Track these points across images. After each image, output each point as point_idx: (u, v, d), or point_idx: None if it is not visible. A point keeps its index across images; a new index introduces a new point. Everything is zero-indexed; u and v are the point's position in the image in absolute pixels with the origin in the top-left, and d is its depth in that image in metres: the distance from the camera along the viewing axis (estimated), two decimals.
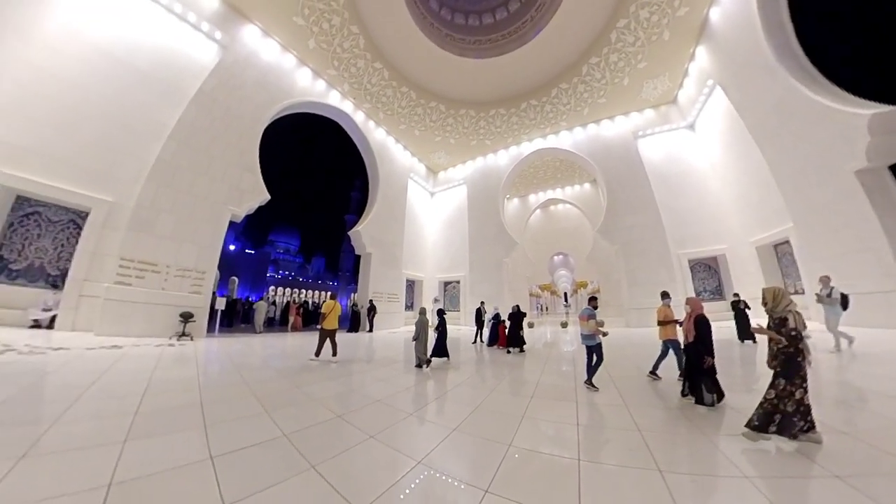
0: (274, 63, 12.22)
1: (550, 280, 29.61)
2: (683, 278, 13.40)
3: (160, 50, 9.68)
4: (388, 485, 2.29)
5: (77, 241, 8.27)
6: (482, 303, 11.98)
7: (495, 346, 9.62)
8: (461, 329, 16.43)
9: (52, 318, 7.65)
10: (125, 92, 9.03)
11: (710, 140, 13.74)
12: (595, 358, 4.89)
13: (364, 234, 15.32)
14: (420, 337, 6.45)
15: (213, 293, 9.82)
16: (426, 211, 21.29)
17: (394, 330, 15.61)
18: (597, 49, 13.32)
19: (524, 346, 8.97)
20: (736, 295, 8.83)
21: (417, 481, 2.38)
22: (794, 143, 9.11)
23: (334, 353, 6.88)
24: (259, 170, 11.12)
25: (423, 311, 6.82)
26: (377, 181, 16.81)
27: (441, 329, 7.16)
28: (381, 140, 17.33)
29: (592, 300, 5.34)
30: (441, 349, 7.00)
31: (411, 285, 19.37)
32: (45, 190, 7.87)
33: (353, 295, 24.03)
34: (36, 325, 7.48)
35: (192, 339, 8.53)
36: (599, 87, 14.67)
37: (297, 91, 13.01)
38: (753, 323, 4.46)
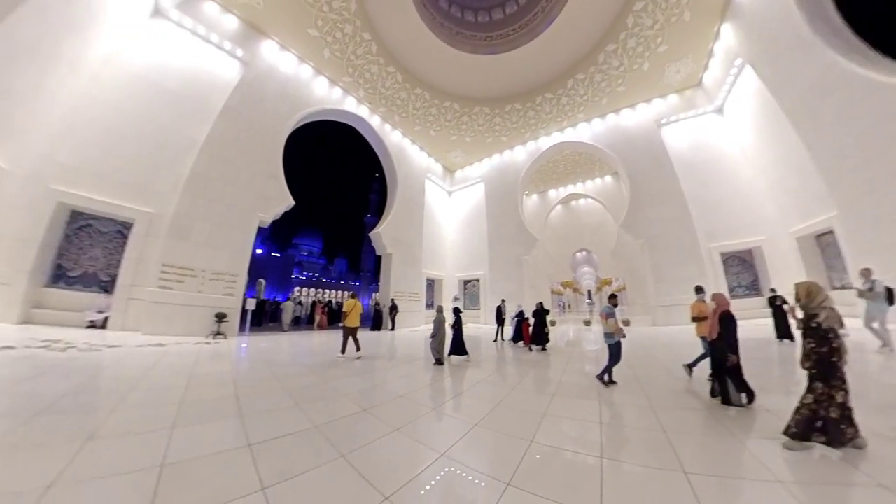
0: (292, 75, 12.74)
1: (573, 277, 28.90)
2: (715, 273, 12.64)
3: (188, 71, 10.35)
4: (413, 475, 2.39)
5: (124, 250, 9.00)
6: (503, 301, 11.91)
7: (519, 344, 9.66)
8: (482, 327, 16.41)
9: (105, 320, 8.38)
10: (159, 112, 9.73)
11: (740, 124, 12.85)
12: (616, 357, 4.85)
13: (384, 235, 15.63)
14: (438, 334, 6.63)
15: (244, 295, 10.36)
16: (444, 210, 21.40)
17: (415, 328, 15.84)
18: (613, 35, 12.82)
19: (546, 345, 8.87)
20: (773, 290, 8.31)
21: (441, 472, 2.46)
22: (836, 122, 8.41)
23: (357, 349, 7.17)
24: (283, 177, 11.63)
25: (440, 310, 6.98)
26: (395, 183, 17.10)
27: (457, 327, 7.27)
28: (397, 142, 17.61)
29: (612, 298, 5.24)
30: (459, 347, 7.10)
31: (431, 284, 19.55)
32: (94, 204, 8.64)
33: (374, 294, 24.53)
34: (92, 325, 8.21)
35: (225, 338, 9.08)
36: (618, 74, 14.09)
37: (314, 100, 13.49)
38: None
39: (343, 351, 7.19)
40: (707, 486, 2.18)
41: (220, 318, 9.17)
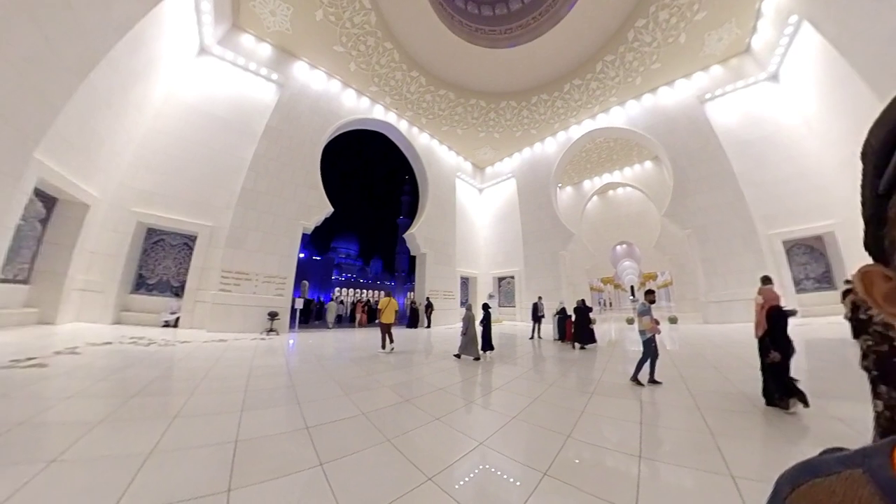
0: (323, 91, 13.54)
1: (613, 272, 27.36)
2: (777, 264, 11.18)
3: (233, 98, 11.46)
4: (453, 459, 2.54)
5: (190, 259, 10.14)
6: (539, 298, 11.67)
7: (562, 341, 9.53)
8: (517, 325, 16.23)
9: (177, 319, 9.50)
10: (212, 137, 10.88)
11: (800, 91, 11.10)
12: (647, 354, 4.68)
13: (418, 235, 15.99)
14: (468, 331, 6.85)
15: (292, 295, 11.20)
16: (476, 208, 21.39)
17: (450, 326, 16.05)
18: (642, 9, 11.92)
19: (591, 343, 8.60)
20: (847, 282, 7.32)
21: (479, 459, 2.58)
22: None
23: (390, 342, 7.85)
24: (322, 187, 12.39)
25: (469, 308, 7.24)
26: (426, 184, 17.42)
27: (486, 323, 7.45)
28: (426, 144, 17.92)
29: (648, 294, 5.00)
30: (486, 342, 7.28)
31: (466, 282, 19.65)
32: (165, 222, 9.87)
33: (409, 293, 25.04)
34: (166, 324, 9.35)
35: (277, 334, 9.89)
36: (651, 51, 13.03)
37: (345, 111, 14.19)
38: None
39: (383, 346, 7.72)
40: (758, 490, 2.06)
41: (273, 316, 10.02)
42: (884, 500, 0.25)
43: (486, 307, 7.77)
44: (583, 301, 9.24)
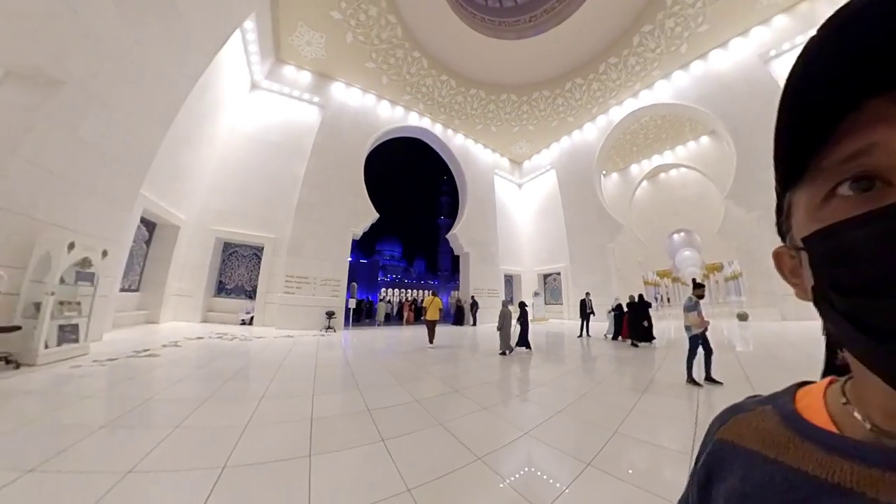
0: (360, 106, 14.46)
1: (671, 264, 24.93)
2: None
3: (283, 123, 12.86)
4: (500, 445, 2.70)
5: (259, 267, 11.50)
6: (587, 294, 11.22)
7: (617, 339, 9.23)
8: (565, 323, 15.70)
9: (251, 318, 10.83)
10: (269, 160, 12.28)
11: None
12: (697, 351, 4.43)
13: (460, 235, 16.21)
14: (504, 327, 7.07)
15: (346, 296, 12.10)
16: (516, 204, 21.05)
17: (496, 323, 16.03)
18: None
19: (646, 341, 8.17)
20: None
21: (525, 446, 2.72)
22: None
23: (431, 340, 8.20)
24: (367, 195, 13.20)
25: (504, 304, 7.60)
26: (464, 184, 17.60)
27: (523, 320, 7.57)
28: (461, 145, 18.10)
29: (697, 288, 4.70)
30: (523, 339, 7.41)
31: (510, 280, 19.44)
32: (237, 236, 11.36)
33: (454, 292, 25.27)
34: (243, 322, 10.72)
35: (334, 331, 10.82)
36: (695, 13, 11.49)
37: (382, 122, 14.96)
38: None
39: (431, 341, 8.17)
40: None
41: (330, 315, 11.00)
42: (785, 426, 0.33)
43: (522, 305, 7.89)
44: (640, 296, 8.78)
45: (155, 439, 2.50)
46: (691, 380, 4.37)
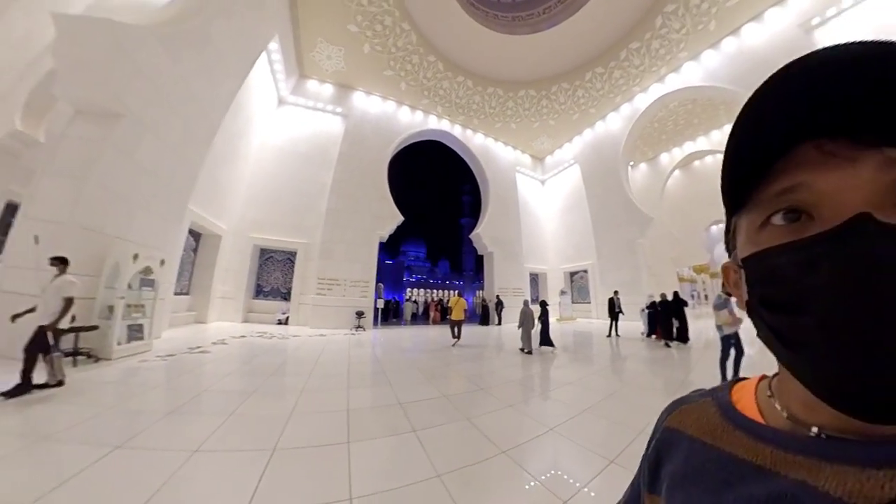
0: (381, 113, 14.90)
1: (708, 259, 23.38)
2: None
3: (310, 135, 13.55)
4: (524, 440, 2.79)
5: (293, 270, 12.19)
6: (615, 293, 10.87)
7: (653, 338, 8.94)
8: (593, 322, 15.25)
9: (287, 318, 11.51)
10: (298, 170, 12.99)
11: None
12: (730, 352, 4.26)
13: (483, 235, 16.19)
14: (525, 326, 7.24)
15: (374, 296, 12.54)
16: (540, 201, 20.67)
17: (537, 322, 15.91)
18: None
19: (678, 341, 7.86)
20: None
21: (548, 442, 2.80)
22: None
23: (458, 338, 8.52)
24: (391, 199, 13.58)
25: (526, 303, 7.70)
26: (486, 184, 17.56)
27: (544, 319, 7.62)
28: (481, 144, 18.07)
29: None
30: (545, 338, 7.46)
31: (535, 278, 19.13)
32: (272, 243, 12.12)
33: (478, 291, 25.16)
34: (279, 322, 11.41)
35: (364, 330, 11.25)
36: None
37: (402, 127, 15.33)
38: None
39: (454, 337, 8.48)
40: None
41: (359, 315, 11.46)
42: (721, 416, 0.38)
43: (543, 304, 7.94)
44: (675, 294, 8.45)
45: (214, 424, 2.83)
46: (725, 379, 4.20)
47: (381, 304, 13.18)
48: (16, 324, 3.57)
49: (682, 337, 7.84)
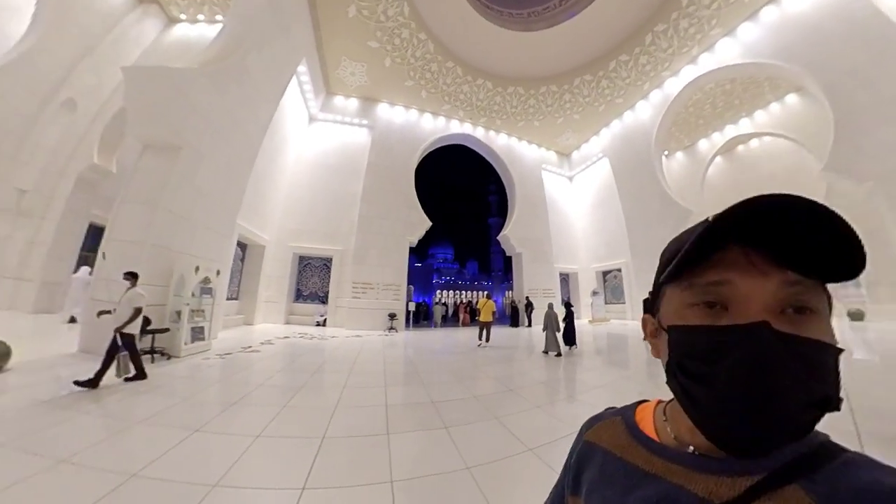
0: (404, 122, 15.45)
1: None
2: None
3: (339, 148, 14.36)
4: (551, 440, 2.90)
5: (329, 275, 12.98)
6: (650, 293, 10.33)
7: None
8: (628, 324, 14.61)
9: (325, 320, 12.26)
10: (329, 181, 13.80)
11: None
12: None
13: (511, 236, 16.13)
14: (549, 328, 7.39)
15: (405, 299, 12.99)
16: (568, 198, 20.20)
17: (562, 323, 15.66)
18: None
19: None
20: None
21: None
22: None
23: (487, 340, 8.71)
24: (419, 205, 14.01)
25: (550, 306, 7.87)
26: (512, 184, 17.48)
27: (569, 320, 7.81)
28: (504, 145, 18.02)
29: None
30: (570, 337, 7.66)
31: (565, 278, 18.70)
32: (309, 250, 12.99)
33: (508, 292, 24.92)
34: (318, 324, 12.17)
35: (396, 331, 11.71)
36: None
37: (426, 134, 15.77)
38: None
39: (483, 339, 8.66)
40: None
41: (392, 317, 11.98)
42: (628, 433, 0.47)
43: (567, 305, 8.12)
44: None
45: (271, 414, 3.22)
46: None
47: (412, 306, 13.61)
48: (99, 322, 4.35)
49: None
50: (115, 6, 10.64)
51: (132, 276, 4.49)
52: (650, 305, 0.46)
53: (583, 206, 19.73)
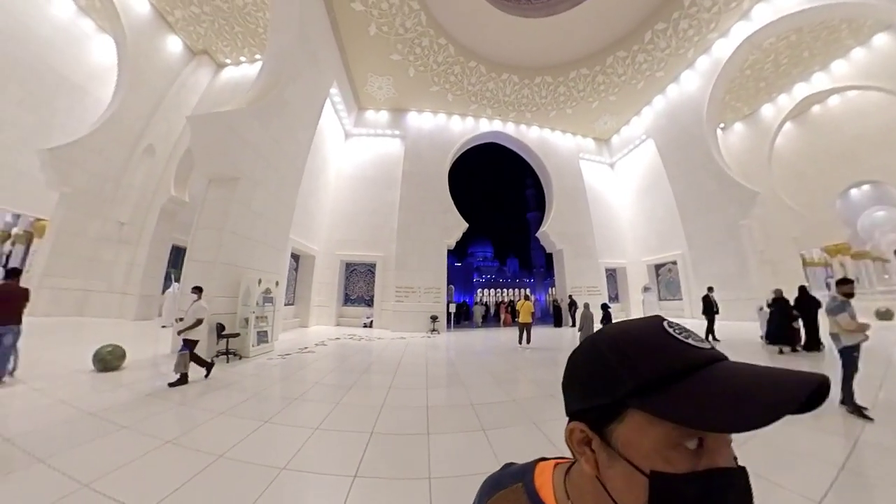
0: (433, 127, 15.82)
1: (849, 234, 17.67)
2: None
3: (374, 159, 15.19)
4: None
5: (374, 280, 13.79)
6: (709, 289, 9.29)
7: (775, 344, 6.95)
8: (686, 322, 13.17)
9: (371, 322, 13.05)
10: (368, 192, 14.62)
11: None
12: (858, 366, 3.45)
13: (550, 232, 15.67)
14: (584, 329, 7.43)
15: (446, 301, 13.31)
16: (611, 187, 18.98)
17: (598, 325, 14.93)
18: None
19: (821, 347, 6.51)
20: None
21: None
22: None
23: (528, 341, 8.62)
24: (455, 208, 14.27)
25: (587, 306, 8.00)
26: (548, 177, 16.95)
27: (606, 322, 7.72)
28: (537, 138, 17.51)
29: (842, 284, 3.63)
30: None
31: (612, 274, 17.60)
32: (354, 257, 13.91)
33: (550, 289, 24.10)
34: (365, 325, 12.98)
35: (438, 333, 12.07)
36: None
37: (456, 136, 15.96)
38: None
39: (520, 342, 8.59)
40: None
41: (434, 318, 12.36)
42: (529, 503, 0.43)
43: (605, 307, 8.06)
44: (801, 290, 7.00)
45: (326, 410, 3.62)
46: (850, 404, 3.38)
47: (452, 308, 13.90)
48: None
49: (812, 343, 6.38)
50: (173, 62, 12.78)
51: (198, 291, 5.16)
52: (599, 424, 0.38)
53: (628, 195, 18.44)
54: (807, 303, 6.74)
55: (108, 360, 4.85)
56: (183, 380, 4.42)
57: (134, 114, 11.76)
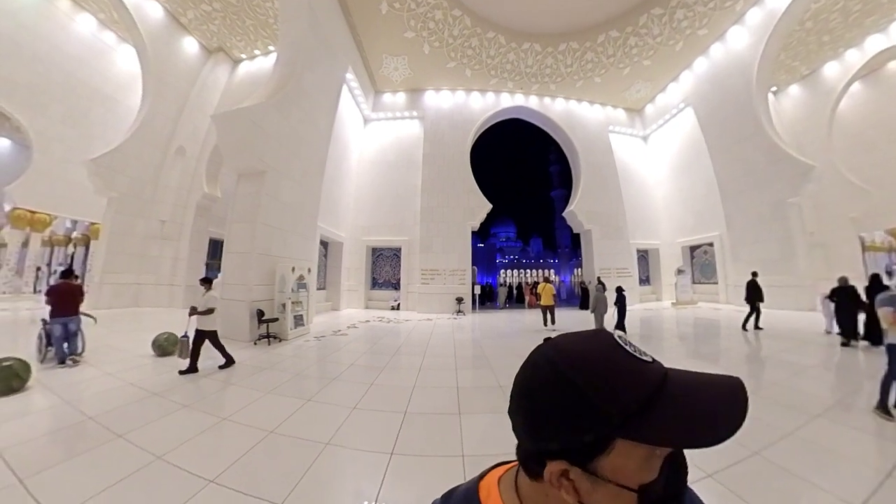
0: (453, 105, 15.36)
1: None
2: None
3: (395, 143, 15.10)
4: None
5: (399, 264, 14.08)
6: (754, 275, 8.44)
7: (846, 337, 6.03)
8: (721, 309, 11.97)
9: (398, 304, 13.46)
10: (390, 176, 14.66)
11: None
12: (893, 368, 3.12)
13: (578, 212, 14.99)
14: (597, 310, 7.57)
15: (470, 282, 13.42)
16: (643, 162, 17.79)
17: (629, 307, 14.44)
18: None
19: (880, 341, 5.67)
20: None
21: None
22: None
23: (553, 322, 8.89)
24: (478, 189, 14.05)
25: (599, 289, 8.18)
26: (575, 154, 16.12)
27: (620, 305, 7.61)
28: (562, 110, 16.52)
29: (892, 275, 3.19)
30: (620, 323, 7.53)
31: (644, 255, 16.86)
32: (380, 243, 14.21)
33: (577, 270, 23.41)
34: (393, 308, 13.43)
35: (464, 314, 12.26)
36: None
37: (476, 114, 15.44)
38: None
39: (545, 324, 8.83)
40: None
41: (459, 300, 12.57)
42: None
43: (619, 290, 7.93)
44: (873, 277, 6.07)
45: (362, 390, 3.84)
46: (882, 407, 3.09)
47: (477, 290, 13.99)
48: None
49: (873, 335, 5.63)
50: (192, 63, 13.26)
51: (208, 282, 5.06)
52: (583, 457, 0.36)
53: (663, 170, 17.29)
54: (879, 293, 6.01)
55: (165, 346, 5.36)
56: (192, 368, 4.48)
57: (162, 117, 12.44)
